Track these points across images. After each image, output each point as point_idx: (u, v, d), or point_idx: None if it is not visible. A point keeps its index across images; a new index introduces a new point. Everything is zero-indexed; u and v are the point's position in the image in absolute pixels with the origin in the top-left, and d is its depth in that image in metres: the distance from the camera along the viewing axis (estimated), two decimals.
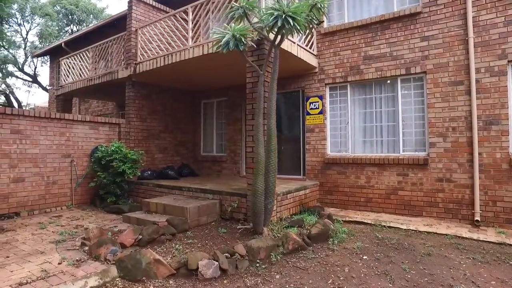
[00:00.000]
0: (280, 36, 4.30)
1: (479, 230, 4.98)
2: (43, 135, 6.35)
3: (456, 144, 5.52)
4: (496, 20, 5.23)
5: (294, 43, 5.94)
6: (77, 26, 22.59)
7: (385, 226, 5.29)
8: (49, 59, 16.31)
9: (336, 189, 6.67)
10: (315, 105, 7.00)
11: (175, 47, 6.60)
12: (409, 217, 5.79)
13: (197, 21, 6.40)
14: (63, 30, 22.69)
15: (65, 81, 9.67)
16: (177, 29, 6.66)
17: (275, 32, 4.23)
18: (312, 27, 4.61)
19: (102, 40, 8.64)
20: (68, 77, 9.56)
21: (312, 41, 6.87)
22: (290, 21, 3.67)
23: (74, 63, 9.43)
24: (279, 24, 3.71)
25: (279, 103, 7.23)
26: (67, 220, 5.70)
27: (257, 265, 3.68)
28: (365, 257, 3.99)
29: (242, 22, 4.52)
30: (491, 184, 5.21)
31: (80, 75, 9.10)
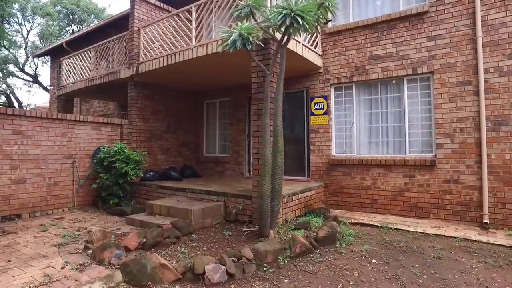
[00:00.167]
0: (287, 36, 4.22)
1: (488, 233, 4.90)
2: (44, 135, 6.27)
3: (464, 145, 5.44)
4: (506, 19, 5.15)
5: (299, 42, 5.86)
6: (78, 26, 22.54)
7: (392, 228, 5.21)
8: (49, 59, 16.26)
9: (341, 191, 6.59)
10: (319, 106, 6.92)
11: (178, 46, 6.51)
12: (416, 219, 5.71)
13: (200, 20, 6.32)
14: (64, 30, 22.63)
15: (66, 81, 9.59)
16: (180, 28, 6.59)
17: (282, 31, 4.15)
18: (319, 27, 4.53)
19: (103, 40, 8.56)
20: (70, 77, 9.48)
21: (317, 41, 6.79)
22: (298, 19, 3.58)
23: (75, 63, 9.35)
24: (287, 23, 3.63)
25: (283, 104, 7.12)
26: (69, 222, 5.62)
27: (265, 269, 3.60)
28: (374, 260, 3.91)
29: (248, 21, 4.44)
30: (500, 186, 5.12)
31: (82, 75, 9.03)
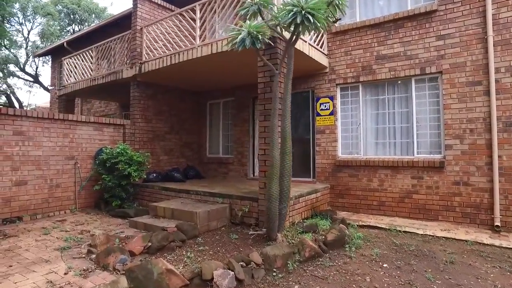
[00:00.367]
0: (296, 34, 4.11)
1: (500, 236, 4.79)
2: (46, 136, 6.16)
3: (474, 146, 5.34)
4: None
5: (306, 42, 5.75)
6: (79, 25, 22.44)
7: (400, 231, 5.10)
8: (50, 59, 16.17)
9: (348, 192, 6.48)
10: (325, 106, 6.81)
11: (182, 46, 6.40)
12: (424, 221, 5.61)
13: (204, 20, 6.22)
14: (64, 30, 22.54)
15: (67, 81, 9.48)
16: (184, 27, 6.48)
17: (290, 30, 4.05)
18: (328, 25, 4.43)
19: (105, 39, 8.45)
20: (71, 77, 9.37)
21: (323, 40, 6.68)
22: (309, 17, 3.47)
23: (76, 63, 9.25)
24: (298, 20, 3.52)
25: None
26: (71, 224, 5.51)
27: (274, 274, 3.49)
28: (385, 265, 3.80)
29: (255, 20, 4.34)
30: (511, 188, 5.02)
31: (83, 74, 8.92)
